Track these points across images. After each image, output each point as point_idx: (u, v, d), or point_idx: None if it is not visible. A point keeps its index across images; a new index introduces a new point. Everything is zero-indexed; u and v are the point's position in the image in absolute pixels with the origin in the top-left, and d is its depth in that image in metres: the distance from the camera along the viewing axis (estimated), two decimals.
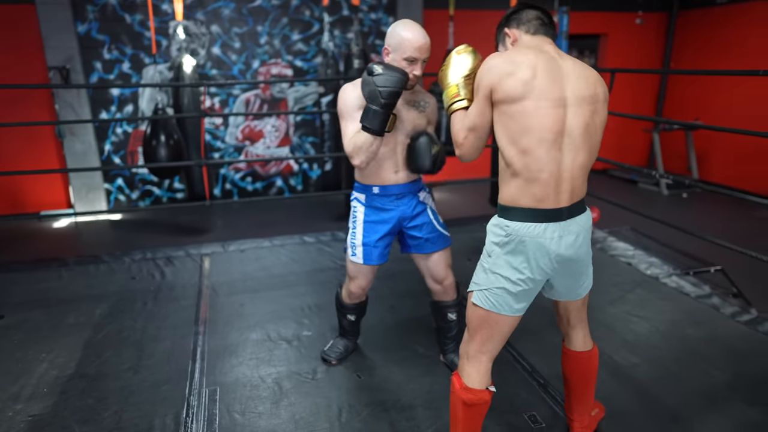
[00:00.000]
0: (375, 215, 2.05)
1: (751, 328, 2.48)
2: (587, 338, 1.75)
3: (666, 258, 3.32)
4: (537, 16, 1.55)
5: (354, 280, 2.16)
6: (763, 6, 6.67)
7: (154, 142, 4.01)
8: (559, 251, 1.46)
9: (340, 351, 2.34)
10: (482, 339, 1.55)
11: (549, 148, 1.40)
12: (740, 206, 6.53)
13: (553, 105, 1.39)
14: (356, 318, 2.33)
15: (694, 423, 1.88)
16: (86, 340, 2.51)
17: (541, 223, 1.44)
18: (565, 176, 1.44)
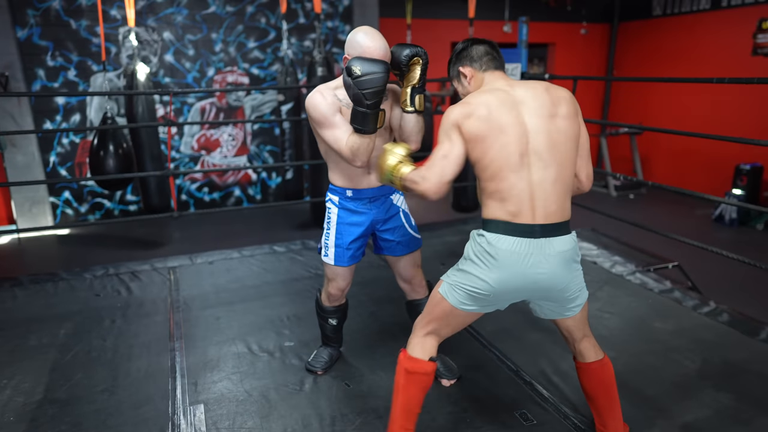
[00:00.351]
0: (348, 217, 2.05)
1: (712, 319, 2.64)
2: (597, 348, 1.76)
3: (627, 256, 3.48)
4: (486, 51, 1.66)
5: (332, 282, 2.15)
6: (692, 18, 7.15)
7: (101, 152, 3.82)
8: (530, 273, 1.50)
9: (325, 360, 2.31)
10: (435, 322, 1.67)
11: (517, 169, 1.50)
12: (682, 205, 6.95)
13: (513, 132, 1.50)
14: (338, 322, 2.29)
15: (674, 410, 1.98)
16: (53, 363, 2.37)
17: (516, 238, 1.49)
18: (537, 192, 1.51)
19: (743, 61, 6.54)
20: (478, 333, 2.55)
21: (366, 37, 1.80)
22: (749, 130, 6.25)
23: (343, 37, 6.89)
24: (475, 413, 1.99)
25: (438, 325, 1.67)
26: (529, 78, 4.16)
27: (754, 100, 6.45)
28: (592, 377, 1.75)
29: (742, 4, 6.55)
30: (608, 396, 1.76)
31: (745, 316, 2.64)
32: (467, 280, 1.56)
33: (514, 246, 1.49)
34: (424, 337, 1.69)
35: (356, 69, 1.72)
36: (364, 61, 1.73)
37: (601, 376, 1.75)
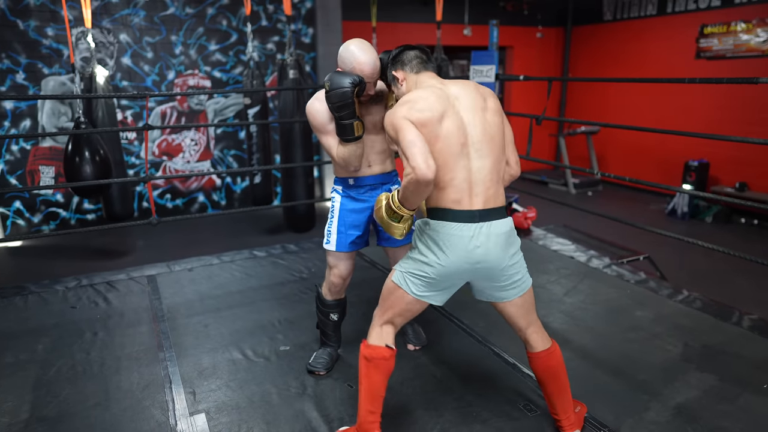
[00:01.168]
0: (351, 204, 2.16)
1: (687, 306, 2.80)
2: (544, 337, 1.84)
3: (600, 250, 3.64)
4: (416, 55, 1.78)
5: (333, 269, 2.21)
6: (640, 23, 7.53)
7: (77, 158, 3.66)
8: (469, 249, 1.63)
9: (326, 361, 2.31)
10: (390, 310, 1.78)
11: (457, 158, 1.62)
12: (637, 201, 7.30)
13: (452, 123, 1.62)
14: (338, 318, 2.32)
15: (665, 393, 2.09)
16: (35, 380, 2.25)
17: (457, 222, 1.63)
18: (477, 180, 1.64)
19: (687, 64, 6.94)
20: (472, 330, 2.60)
21: (358, 51, 1.91)
22: (695, 128, 6.64)
23: (306, 39, 6.85)
24: (480, 407, 2.03)
25: (393, 314, 1.78)
26: (504, 80, 4.28)
27: (698, 101, 6.86)
28: (541, 366, 1.83)
29: (685, 11, 6.95)
30: (556, 382, 1.84)
31: (716, 302, 2.81)
32: (416, 266, 1.69)
33: (457, 230, 1.63)
34: (381, 327, 1.80)
35: (327, 84, 1.88)
36: (336, 75, 1.87)
37: (548, 363, 1.82)
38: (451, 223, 1.63)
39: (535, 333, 1.83)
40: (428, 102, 1.63)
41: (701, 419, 1.93)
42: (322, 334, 2.36)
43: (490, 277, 1.70)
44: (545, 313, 2.78)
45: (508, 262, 1.69)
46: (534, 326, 1.83)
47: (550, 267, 3.36)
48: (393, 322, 1.79)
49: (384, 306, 1.79)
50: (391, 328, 1.80)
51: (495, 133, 1.68)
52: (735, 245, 5.51)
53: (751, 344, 2.43)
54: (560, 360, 1.85)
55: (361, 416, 1.79)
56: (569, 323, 2.68)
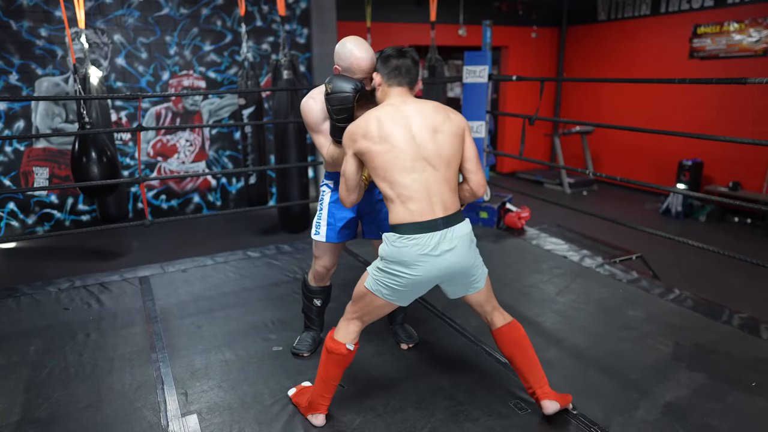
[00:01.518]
0: None
1: (678, 305, 2.81)
2: (504, 315, 1.97)
3: (593, 249, 3.65)
4: (397, 66, 1.83)
5: (319, 260, 2.31)
6: (634, 23, 7.56)
7: (84, 159, 3.65)
8: (436, 256, 1.72)
9: (309, 344, 2.44)
10: (360, 310, 1.89)
11: (409, 171, 1.73)
12: (631, 200, 7.33)
13: (403, 142, 1.73)
14: (322, 303, 2.43)
15: (655, 391, 2.10)
16: (27, 381, 2.24)
17: (420, 234, 1.71)
18: (433, 191, 1.74)
19: (681, 63, 6.97)
20: (464, 330, 2.61)
21: (357, 49, 1.93)
22: (689, 127, 6.67)
23: (301, 40, 6.85)
24: (471, 406, 2.04)
25: (362, 313, 1.89)
26: (497, 80, 4.29)
27: (692, 100, 6.89)
28: (505, 339, 1.94)
29: (679, 11, 6.98)
30: (523, 354, 1.93)
31: (707, 301, 2.83)
32: (387, 277, 1.78)
33: (423, 241, 1.71)
34: (349, 322, 1.91)
35: (329, 86, 1.92)
36: (338, 79, 1.92)
37: (512, 336, 1.94)
38: (415, 236, 1.71)
39: (496, 311, 1.96)
40: (380, 123, 1.75)
41: (690, 417, 1.94)
42: (306, 318, 2.47)
43: (459, 277, 1.81)
44: (538, 313, 2.80)
45: (473, 260, 1.81)
46: (495, 307, 1.96)
47: (543, 267, 3.37)
48: (362, 320, 1.91)
49: (356, 305, 1.90)
50: (358, 325, 1.91)
51: (446, 150, 1.78)
52: (728, 244, 5.55)
53: (741, 343, 2.45)
54: (523, 333, 1.96)
55: (313, 397, 1.95)
56: (561, 323, 2.69)
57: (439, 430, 1.92)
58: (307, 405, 1.99)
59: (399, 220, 1.75)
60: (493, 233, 4.03)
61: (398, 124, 1.76)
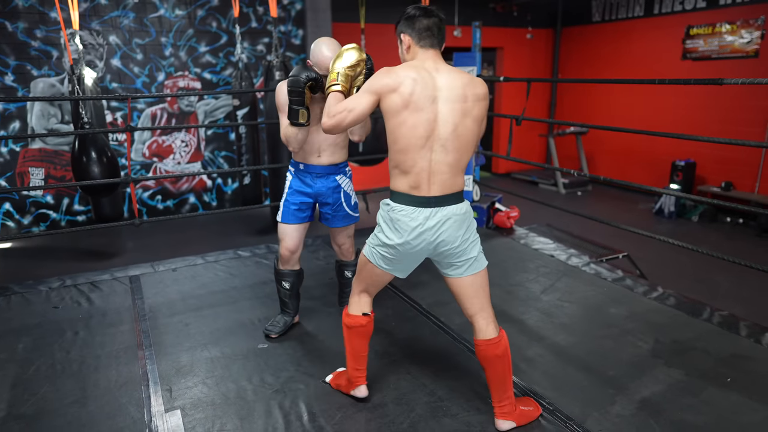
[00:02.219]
0: (298, 185, 2.47)
1: (660, 303, 2.84)
2: (489, 326, 1.88)
3: (580, 248, 3.68)
4: (428, 26, 1.78)
5: (282, 242, 2.51)
6: (628, 24, 7.59)
7: (84, 158, 3.68)
8: (423, 230, 1.77)
9: (280, 326, 2.61)
10: (363, 281, 1.99)
11: (420, 148, 1.74)
12: (625, 200, 7.35)
13: (424, 115, 1.71)
14: (290, 286, 2.59)
15: (631, 387, 2.13)
16: (14, 378, 2.27)
17: (414, 207, 1.77)
18: (436, 171, 1.76)
19: (674, 64, 7.00)
20: (446, 326, 2.64)
21: (326, 47, 2.23)
22: (682, 128, 6.70)
23: (296, 41, 6.89)
24: (450, 402, 2.07)
25: (366, 284, 1.98)
26: (484, 80, 4.32)
27: (685, 101, 6.92)
28: (481, 354, 1.90)
29: (672, 12, 7.01)
30: (494, 372, 1.89)
31: (689, 299, 2.86)
32: (380, 244, 1.86)
33: (414, 213, 1.77)
34: (359, 296, 2.01)
35: (292, 71, 2.17)
36: (299, 68, 2.16)
37: (489, 353, 1.87)
38: (408, 207, 1.77)
39: (482, 320, 1.88)
40: (413, 89, 1.69)
41: (665, 412, 1.97)
42: (280, 302, 2.64)
43: (445, 254, 1.84)
44: (522, 311, 2.83)
45: (460, 242, 1.82)
46: (483, 313, 1.88)
47: (530, 266, 3.40)
48: (368, 291, 2.00)
49: (359, 277, 2.00)
50: (367, 296, 2.01)
51: (466, 135, 1.76)
52: (720, 244, 5.57)
53: (719, 339, 2.48)
54: (502, 352, 1.88)
55: (349, 372, 2.07)
56: (545, 320, 2.72)
57: (418, 425, 1.95)
58: (346, 383, 2.10)
59: (396, 188, 1.80)
60: (483, 233, 4.06)
61: (427, 95, 1.71)
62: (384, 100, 1.74)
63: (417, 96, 1.69)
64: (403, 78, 1.70)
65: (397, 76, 1.71)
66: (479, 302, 1.88)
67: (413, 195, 1.77)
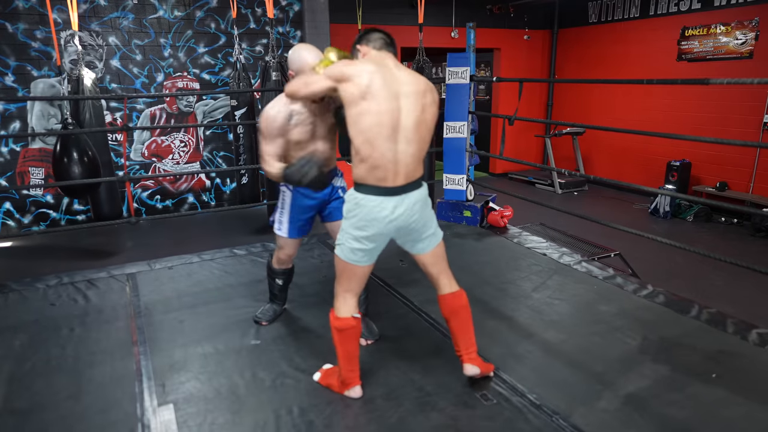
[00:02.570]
0: (300, 200, 2.44)
1: (650, 301, 2.87)
2: (452, 283, 2.14)
3: (573, 247, 3.71)
4: (380, 37, 2.02)
5: (283, 249, 2.59)
6: (624, 25, 7.63)
7: (65, 159, 3.72)
8: (392, 218, 1.89)
9: (270, 315, 2.73)
10: (344, 281, 2.03)
11: (386, 140, 1.83)
12: (621, 200, 7.38)
13: (388, 107, 1.82)
14: (283, 282, 2.72)
15: (617, 383, 2.16)
16: (9, 374, 2.31)
17: (380, 197, 1.87)
18: (401, 162, 1.87)
19: (670, 65, 7.03)
20: (437, 323, 2.67)
21: (307, 53, 2.19)
22: (678, 128, 6.73)
23: (295, 42, 6.93)
24: (438, 397, 2.11)
25: (347, 283, 2.03)
26: (478, 80, 4.36)
27: (680, 102, 6.95)
28: (447, 306, 2.13)
29: (667, 13, 7.05)
30: (460, 322, 2.12)
31: (678, 297, 2.89)
32: (351, 238, 1.93)
33: (381, 202, 1.87)
34: (344, 297, 2.05)
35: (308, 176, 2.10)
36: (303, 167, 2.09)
37: (455, 305, 2.12)
38: (376, 197, 1.86)
39: (445, 278, 2.12)
40: (371, 80, 1.81)
41: (649, 407, 2.00)
42: (270, 294, 2.75)
43: (409, 234, 2.00)
44: (513, 308, 2.86)
45: (423, 221, 1.98)
46: (444, 274, 2.13)
47: (522, 264, 3.44)
48: (352, 290, 2.05)
49: (341, 280, 2.04)
50: (352, 296, 2.05)
51: (426, 124, 1.93)
52: (713, 243, 5.60)
53: (706, 336, 2.51)
54: (465, 303, 2.13)
55: (342, 374, 2.09)
56: (535, 318, 2.75)
57: (406, 419, 1.99)
58: (339, 383, 2.13)
59: (362, 180, 1.88)
60: (477, 231, 4.10)
61: (389, 88, 1.83)
62: (340, 89, 1.85)
63: (376, 88, 1.80)
64: (360, 70, 1.84)
65: (354, 68, 1.86)
66: (441, 266, 2.12)
67: (381, 186, 1.86)
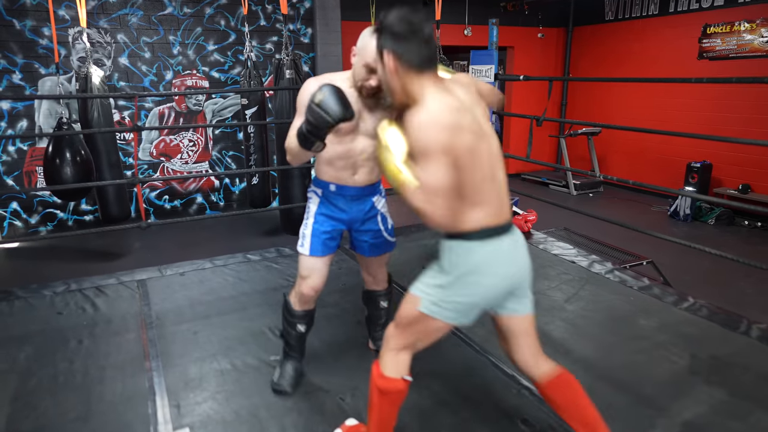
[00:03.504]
0: (327, 209, 2.04)
1: (692, 314, 2.70)
2: (551, 363, 1.65)
3: (602, 254, 3.54)
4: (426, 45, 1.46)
5: (307, 280, 2.04)
6: (642, 23, 7.44)
7: (57, 160, 3.58)
8: (513, 268, 1.52)
9: (292, 377, 2.17)
10: (410, 337, 1.58)
11: (490, 178, 1.48)
12: (639, 202, 7.20)
13: (482, 141, 1.46)
14: (306, 329, 2.16)
15: (672, 408, 1.99)
16: (14, 391, 2.16)
17: (497, 239, 1.48)
18: (503, 191, 1.53)
19: (690, 64, 6.83)
20: (470, 339, 2.51)
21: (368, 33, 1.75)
22: (698, 128, 6.53)
23: (305, 40, 6.78)
24: (477, 423, 1.95)
25: (414, 340, 1.59)
26: (504, 80, 4.19)
27: (700, 101, 6.76)
28: (558, 394, 1.62)
29: (688, 10, 6.85)
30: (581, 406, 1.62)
31: (723, 311, 2.72)
32: (455, 295, 1.50)
33: (498, 246, 1.48)
34: (398, 353, 1.60)
35: (317, 96, 1.65)
36: (331, 96, 1.64)
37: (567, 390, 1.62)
38: (490, 240, 1.47)
39: (542, 360, 1.64)
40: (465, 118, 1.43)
41: None
42: (285, 345, 2.20)
43: (516, 288, 1.56)
44: (546, 321, 2.69)
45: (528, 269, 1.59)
46: (540, 352, 1.65)
47: (551, 272, 3.27)
48: (414, 347, 1.61)
49: (405, 333, 1.58)
50: (409, 354, 1.62)
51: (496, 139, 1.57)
52: (738, 248, 5.41)
53: (760, 355, 2.34)
54: (575, 384, 1.63)
55: None
56: (570, 332, 2.59)
57: None
58: None
59: (471, 227, 1.47)
60: None
61: (471, 116, 1.47)
62: (454, 147, 1.39)
63: (470, 122, 1.45)
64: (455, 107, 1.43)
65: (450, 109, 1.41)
66: (535, 342, 1.65)
67: (493, 226, 1.48)
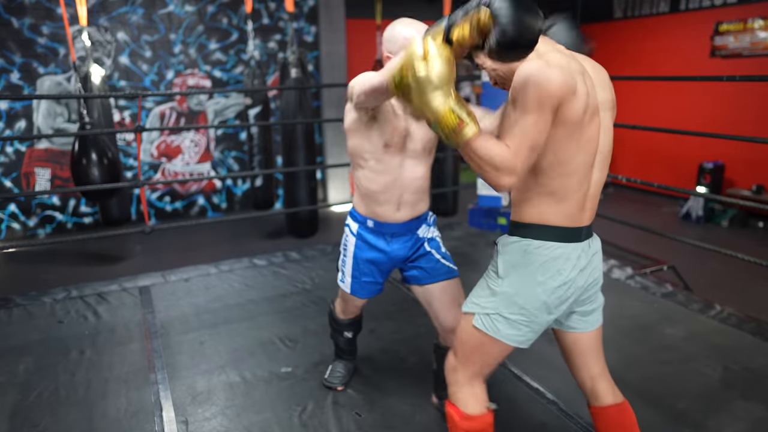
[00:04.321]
0: (367, 251, 1.80)
1: (721, 323, 2.59)
2: (615, 390, 1.47)
3: (620, 259, 3.43)
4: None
5: (348, 302, 1.97)
6: (652, 21, 7.32)
7: (84, 160, 3.46)
8: (580, 278, 1.32)
9: (342, 374, 2.16)
10: (477, 365, 1.40)
11: (590, 168, 1.29)
12: (649, 204, 7.09)
13: (595, 125, 1.26)
14: (353, 334, 2.12)
15: (710, 425, 1.88)
16: (13, 406, 2.05)
17: (566, 243, 1.30)
18: (592, 194, 1.34)
19: (702, 62, 6.72)
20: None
21: (409, 29, 1.66)
22: (710, 128, 6.42)
23: (309, 38, 6.66)
24: None
25: (480, 366, 1.41)
26: None
27: (713, 100, 6.65)
28: (611, 423, 1.46)
29: (700, 8, 6.74)
30: None
31: (752, 318, 2.60)
32: (515, 305, 1.32)
33: (566, 252, 1.29)
34: (471, 384, 1.41)
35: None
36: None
37: (622, 421, 1.45)
38: (559, 243, 1.30)
39: (606, 381, 1.47)
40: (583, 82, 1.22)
41: None
42: (336, 348, 2.19)
43: (586, 301, 1.40)
44: None
45: (599, 282, 1.42)
46: (606, 372, 1.48)
47: None
48: (482, 374, 1.43)
49: (469, 361, 1.40)
50: (481, 381, 1.44)
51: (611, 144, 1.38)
52: (753, 250, 5.29)
53: None
54: (633, 419, 1.47)
55: None
56: None
57: None
58: None
59: (542, 220, 1.30)
60: None
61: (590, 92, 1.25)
62: (565, 107, 1.19)
63: (590, 94, 1.24)
64: (573, 70, 1.22)
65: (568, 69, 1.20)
66: (601, 359, 1.47)
67: (566, 227, 1.30)
